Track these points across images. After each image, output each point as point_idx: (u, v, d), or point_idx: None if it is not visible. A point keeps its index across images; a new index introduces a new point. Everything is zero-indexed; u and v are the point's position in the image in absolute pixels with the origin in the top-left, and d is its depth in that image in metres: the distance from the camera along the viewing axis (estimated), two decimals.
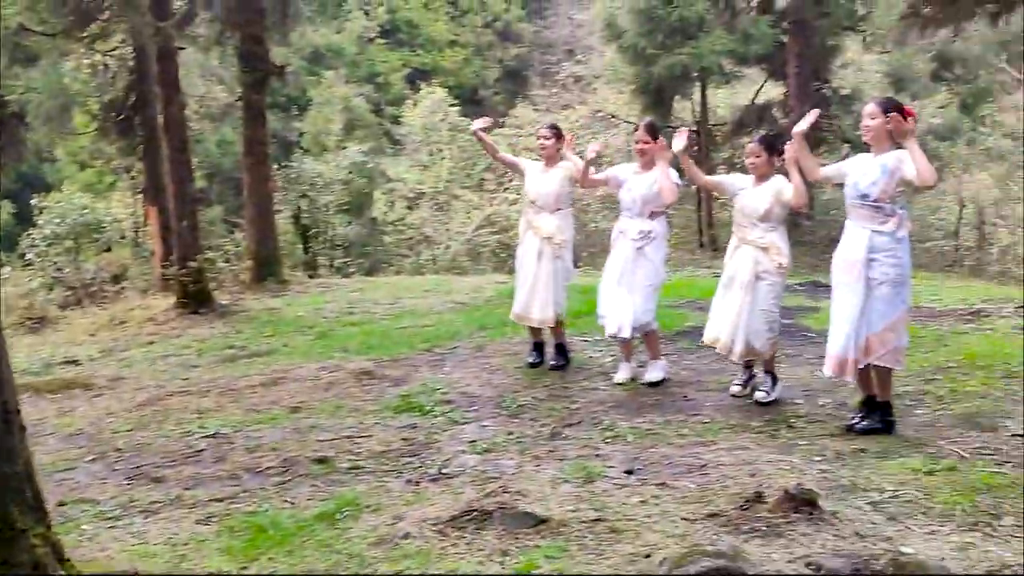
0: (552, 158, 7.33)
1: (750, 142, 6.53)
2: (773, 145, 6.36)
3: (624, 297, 6.80)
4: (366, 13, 35.41)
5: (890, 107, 5.48)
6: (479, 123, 7.51)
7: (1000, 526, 3.98)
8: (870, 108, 5.58)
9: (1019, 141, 28.55)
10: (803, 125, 5.88)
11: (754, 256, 6.26)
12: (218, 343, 9.87)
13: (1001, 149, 27.31)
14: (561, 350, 7.58)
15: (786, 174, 6.08)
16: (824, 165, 6.47)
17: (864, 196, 5.47)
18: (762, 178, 6.35)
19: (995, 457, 4.99)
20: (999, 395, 6.36)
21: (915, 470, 4.72)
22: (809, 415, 6.06)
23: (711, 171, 19.48)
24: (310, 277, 16.48)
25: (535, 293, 7.23)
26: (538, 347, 7.62)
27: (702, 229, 18.65)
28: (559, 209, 7.28)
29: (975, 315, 9.58)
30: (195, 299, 11.55)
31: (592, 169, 7.17)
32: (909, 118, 5.39)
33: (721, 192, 6.68)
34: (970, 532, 3.92)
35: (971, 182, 23.63)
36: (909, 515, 4.13)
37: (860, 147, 15.86)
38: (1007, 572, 3.57)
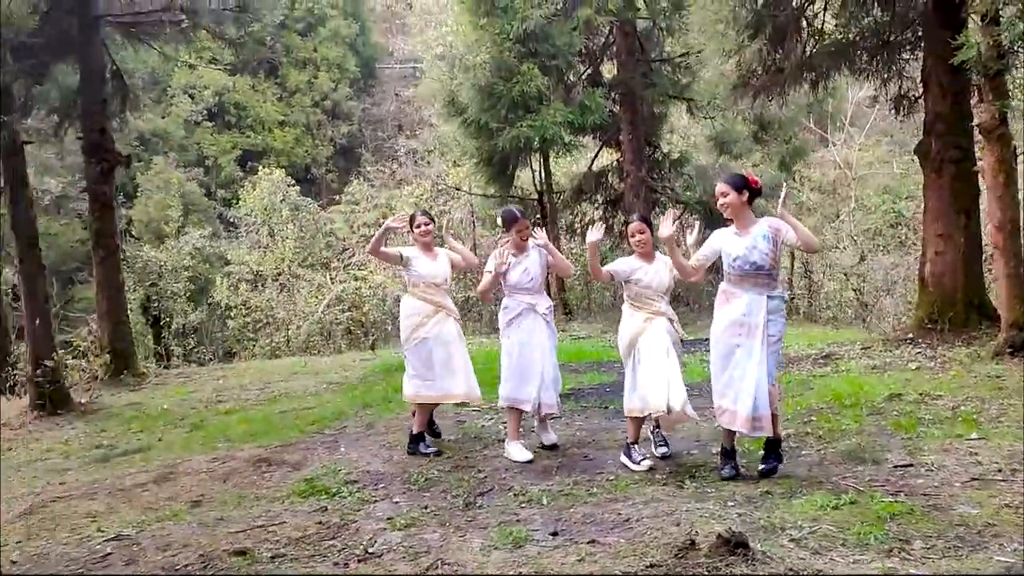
0: (431, 244, 7.45)
1: (630, 221, 6.76)
2: (651, 223, 6.70)
3: (547, 371, 7.00)
4: (191, 97, 34.78)
5: (738, 183, 5.91)
6: None
7: (912, 550, 4.33)
8: (720, 187, 5.96)
9: (824, 194, 30.92)
10: (666, 231, 6.07)
11: (667, 327, 6.55)
12: (84, 443, 9.42)
13: (812, 203, 29.51)
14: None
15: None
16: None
17: (759, 267, 5.84)
18: (649, 255, 6.67)
19: (887, 488, 5.40)
20: (872, 431, 6.88)
21: (822, 506, 5.05)
22: (708, 464, 6.37)
23: (555, 238, 20.10)
24: (165, 368, 15.89)
25: (459, 371, 7.24)
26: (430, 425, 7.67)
27: (551, 293, 19.18)
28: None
29: (827, 358, 10.29)
30: (51, 400, 11.04)
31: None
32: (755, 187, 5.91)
33: (617, 278, 6.84)
34: (888, 558, 4.25)
35: None
36: (830, 548, 4.43)
37: (692, 206, 16.56)
38: None
